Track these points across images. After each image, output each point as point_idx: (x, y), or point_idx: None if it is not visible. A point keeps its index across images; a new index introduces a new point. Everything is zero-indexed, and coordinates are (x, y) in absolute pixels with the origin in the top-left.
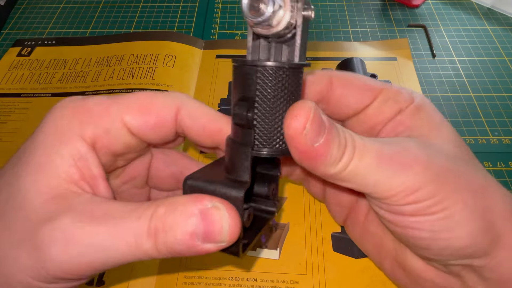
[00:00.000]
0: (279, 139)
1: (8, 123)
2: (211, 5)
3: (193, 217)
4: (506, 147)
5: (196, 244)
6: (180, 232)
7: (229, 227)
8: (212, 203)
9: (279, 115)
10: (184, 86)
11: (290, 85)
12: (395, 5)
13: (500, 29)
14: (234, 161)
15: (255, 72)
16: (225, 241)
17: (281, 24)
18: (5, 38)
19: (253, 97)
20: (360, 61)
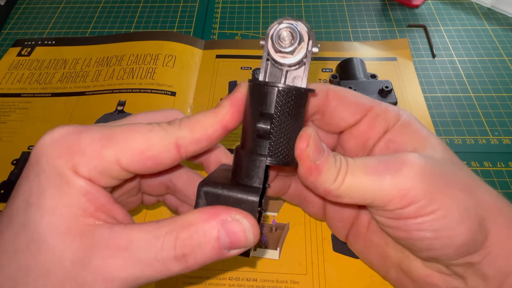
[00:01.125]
0: (288, 151)
1: (8, 123)
2: (211, 5)
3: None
4: (506, 147)
5: (223, 253)
6: (209, 250)
7: (253, 235)
8: (231, 216)
9: (290, 130)
10: (184, 86)
11: (300, 105)
12: (395, 5)
13: (500, 29)
14: (247, 168)
15: (276, 92)
16: (250, 246)
17: (297, 56)
18: (5, 38)
19: (272, 113)
20: (360, 61)
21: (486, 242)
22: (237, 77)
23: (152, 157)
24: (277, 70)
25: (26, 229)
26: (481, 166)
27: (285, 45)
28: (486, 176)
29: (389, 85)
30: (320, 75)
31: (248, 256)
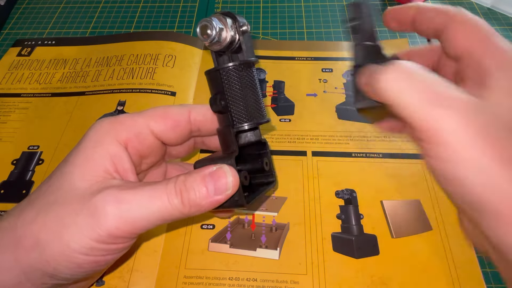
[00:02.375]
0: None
1: (8, 123)
2: (211, 5)
3: (205, 177)
4: None
5: (210, 196)
6: (197, 189)
7: (232, 179)
8: (216, 166)
9: (247, 99)
10: (184, 86)
11: (246, 76)
12: (395, 5)
13: (500, 29)
14: (225, 141)
15: (220, 73)
16: (230, 190)
17: (227, 39)
18: (5, 38)
19: (222, 90)
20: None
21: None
22: None
23: (171, 118)
24: (225, 57)
25: (59, 178)
26: None
27: (207, 37)
28: None
29: None
30: (320, 75)
31: (244, 204)
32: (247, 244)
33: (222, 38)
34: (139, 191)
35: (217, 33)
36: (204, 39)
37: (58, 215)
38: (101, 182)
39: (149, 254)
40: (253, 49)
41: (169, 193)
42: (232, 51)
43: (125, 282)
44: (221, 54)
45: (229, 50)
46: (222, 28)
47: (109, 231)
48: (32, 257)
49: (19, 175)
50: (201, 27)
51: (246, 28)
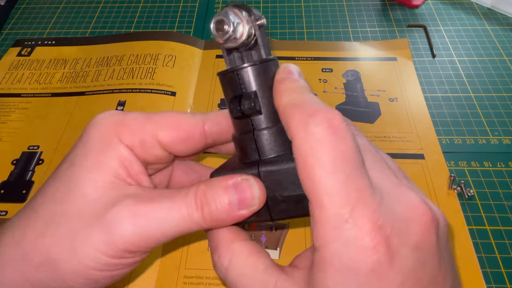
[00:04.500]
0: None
1: (8, 123)
2: (211, 5)
3: (228, 189)
4: (506, 147)
5: (233, 210)
6: (220, 202)
7: (258, 193)
8: (241, 177)
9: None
10: (184, 86)
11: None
12: (395, 5)
13: (500, 29)
14: (243, 149)
15: (237, 75)
16: (256, 205)
17: (244, 35)
18: (5, 38)
19: (241, 94)
20: None
21: None
22: None
23: (184, 130)
24: (236, 55)
25: (67, 183)
26: (481, 166)
27: (223, 33)
28: (486, 176)
29: None
30: (320, 75)
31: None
32: None
33: (239, 33)
34: (157, 203)
35: (234, 29)
36: (219, 36)
37: (69, 229)
38: (115, 190)
39: (149, 254)
40: (269, 45)
41: (189, 206)
42: (247, 48)
43: (125, 282)
44: (231, 51)
45: (243, 47)
46: (239, 22)
47: (124, 248)
48: (44, 274)
49: (19, 175)
50: (216, 22)
51: (262, 21)
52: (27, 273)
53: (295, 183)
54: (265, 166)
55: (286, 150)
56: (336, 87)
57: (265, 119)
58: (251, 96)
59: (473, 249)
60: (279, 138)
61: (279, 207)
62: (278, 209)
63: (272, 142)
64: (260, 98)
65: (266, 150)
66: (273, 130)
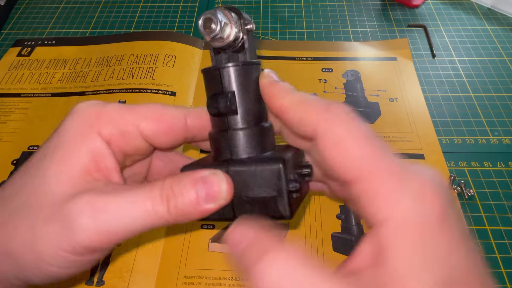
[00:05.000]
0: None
1: (8, 123)
2: (211, 5)
3: (196, 182)
4: (506, 147)
5: (200, 203)
6: (187, 196)
7: (226, 187)
8: (210, 171)
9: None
10: (184, 86)
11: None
12: (395, 5)
13: (500, 29)
14: (217, 147)
15: (219, 73)
16: (223, 199)
17: (230, 36)
18: (5, 38)
19: (220, 92)
20: None
21: None
22: None
23: (166, 121)
24: (224, 56)
25: (35, 175)
26: (481, 166)
27: (210, 31)
28: (486, 176)
29: None
30: (320, 75)
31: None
32: None
33: (226, 34)
34: (119, 197)
35: (221, 28)
36: (206, 33)
37: (30, 222)
38: (78, 184)
39: (149, 254)
40: (256, 50)
41: (153, 200)
42: (233, 50)
43: (125, 282)
44: (219, 52)
45: (230, 48)
46: (227, 23)
47: (84, 244)
48: (5, 267)
49: None
50: (204, 20)
51: (251, 26)
52: None
53: (262, 186)
54: (235, 165)
55: (257, 153)
56: (336, 87)
57: (241, 119)
58: (228, 96)
59: None
60: (252, 140)
61: (244, 207)
62: (242, 210)
63: (244, 143)
64: (238, 98)
65: (238, 150)
66: (248, 132)
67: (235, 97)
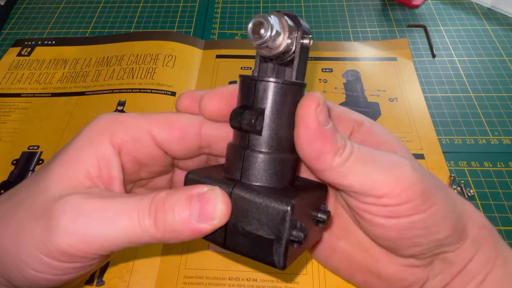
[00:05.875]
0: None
1: (8, 123)
2: (211, 5)
3: (191, 199)
4: (506, 147)
5: (191, 222)
6: (178, 212)
7: (222, 207)
8: (208, 187)
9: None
10: (184, 86)
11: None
12: (395, 5)
13: (500, 29)
14: (229, 161)
15: (255, 85)
16: (218, 220)
17: (280, 48)
18: (5, 38)
19: (250, 106)
20: None
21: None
22: (237, 77)
23: (179, 127)
24: (269, 65)
25: (38, 175)
26: (481, 166)
27: (258, 37)
28: (486, 176)
29: None
30: (320, 75)
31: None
32: None
33: (276, 44)
34: (106, 204)
35: (271, 36)
36: (253, 39)
37: (19, 218)
38: (75, 187)
39: (149, 254)
40: (305, 69)
41: (140, 211)
42: (281, 62)
43: (125, 282)
44: (266, 61)
45: (277, 59)
46: (280, 32)
47: (60, 248)
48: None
49: (19, 175)
50: (254, 24)
51: (307, 42)
52: None
53: (262, 223)
54: (241, 189)
55: (271, 184)
56: (336, 87)
57: (264, 142)
58: (256, 113)
59: None
60: (269, 168)
61: (236, 238)
62: (234, 239)
63: (259, 169)
64: (267, 119)
65: (250, 174)
66: (267, 158)
67: (263, 116)
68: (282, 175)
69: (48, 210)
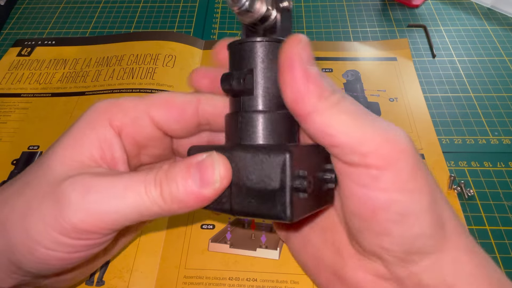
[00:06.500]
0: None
1: (8, 123)
2: (211, 5)
3: (190, 167)
4: (506, 147)
5: (194, 190)
6: (180, 181)
7: (221, 169)
8: (206, 154)
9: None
10: (184, 86)
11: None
12: (395, 5)
13: (500, 29)
14: (227, 129)
15: (241, 48)
16: (219, 183)
17: (260, 12)
18: (5, 38)
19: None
20: None
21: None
22: None
23: (177, 106)
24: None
25: (42, 159)
26: (481, 166)
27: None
28: (486, 176)
29: None
30: None
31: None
32: (247, 244)
33: (255, 8)
34: (114, 180)
35: (250, 2)
36: (232, 4)
37: (26, 200)
38: (79, 169)
39: (149, 254)
40: (290, 31)
41: (147, 184)
42: (266, 28)
43: (125, 282)
44: (252, 30)
45: (262, 25)
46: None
47: (73, 224)
48: None
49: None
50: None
51: (287, 4)
52: None
53: (264, 177)
54: (240, 150)
55: (267, 139)
56: None
57: (256, 101)
58: (245, 73)
59: None
60: (266, 126)
61: (242, 200)
62: (240, 203)
63: (256, 128)
64: (256, 77)
65: (248, 135)
66: (262, 116)
67: (252, 75)
68: (280, 132)
69: (56, 189)
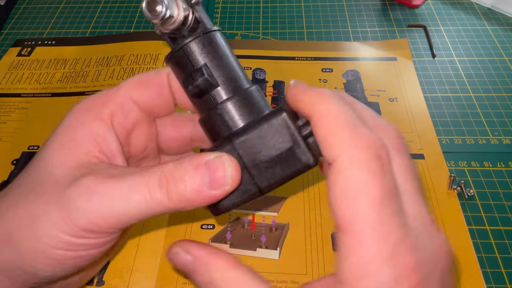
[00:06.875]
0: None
1: (8, 123)
2: (211, 5)
3: (199, 167)
4: (506, 147)
5: (203, 190)
6: (189, 182)
7: (232, 171)
8: (214, 154)
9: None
10: None
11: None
12: (395, 5)
13: (500, 29)
14: (212, 128)
15: (183, 53)
16: (229, 185)
17: (180, 14)
18: (5, 38)
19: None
20: None
21: None
22: None
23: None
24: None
25: (38, 162)
26: (481, 166)
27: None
28: (486, 176)
29: None
30: (320, 75)
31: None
32: (247, 244)
33: (174, 12)
34: (118, 181)
35: (167, 7)
36: (153, 17)
37: (30, 207)
38: (81, 168)
39: (149, 254)
40: (209, 19)
41: (150, 185)
42: (189, 29)
43: (125, 282)
44: (176, 38)
45: (185, 28)
46: (172, 0)
47: (83, 226)
48: (7, 253)
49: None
50: (147, 3)
51: None
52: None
53: (274, 143)
54: (238, 137)
55: (254, 115)
56: (336, 87)
57: (224, 90)
58: (202, 69)
59: (473, 249)
60: (245, 106)
61: (265, 175)
62: (264, 177)
63: (238, 111)
64: (213, 69)
65: (234, 121)
66: (237, 99)
67: (209, 68)
68: (258, 105)
69: (62, 195)
